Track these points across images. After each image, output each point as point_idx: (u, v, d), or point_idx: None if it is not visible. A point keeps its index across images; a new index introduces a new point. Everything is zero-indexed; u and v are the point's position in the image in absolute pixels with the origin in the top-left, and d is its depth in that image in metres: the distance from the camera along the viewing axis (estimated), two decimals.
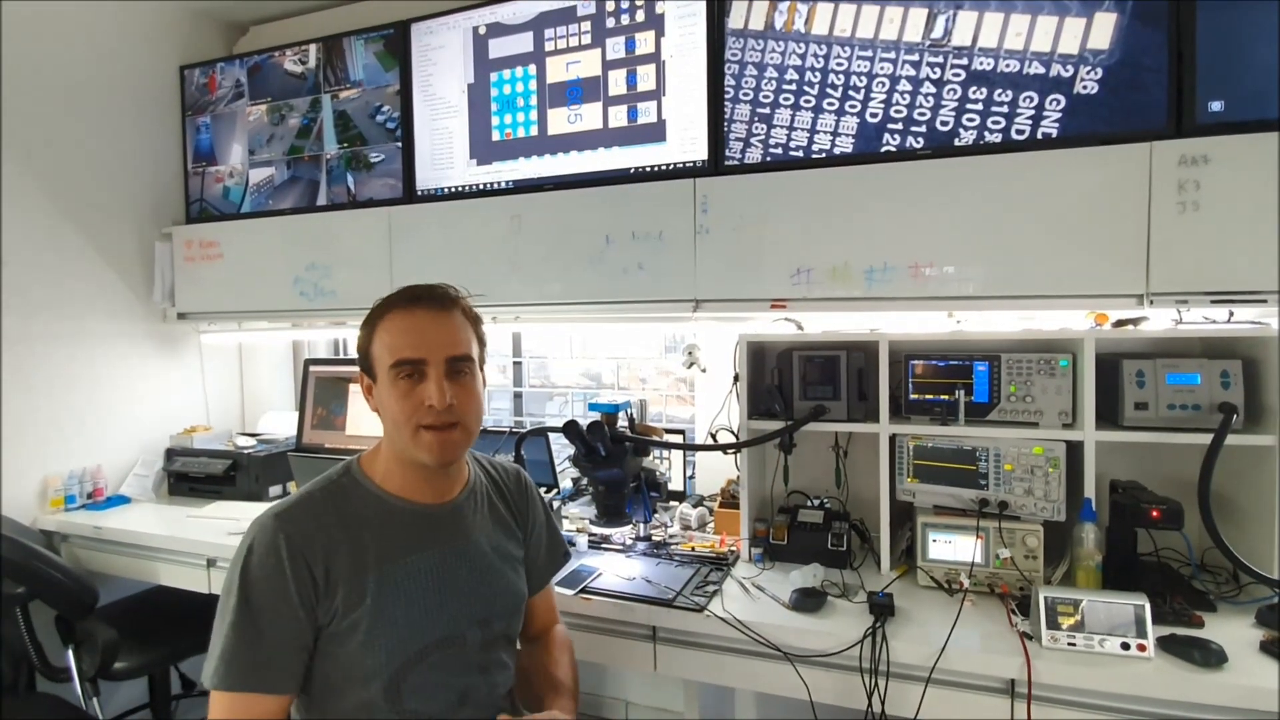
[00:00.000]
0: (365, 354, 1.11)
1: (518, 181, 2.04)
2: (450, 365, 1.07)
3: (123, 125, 2.42)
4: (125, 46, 2.43)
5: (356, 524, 1.06)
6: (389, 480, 1.11)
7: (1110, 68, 1.48)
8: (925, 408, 1.58)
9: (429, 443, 1.05)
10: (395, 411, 1.06)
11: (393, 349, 1.06)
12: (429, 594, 1.08)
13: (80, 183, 2.30)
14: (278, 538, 1.00)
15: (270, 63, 2.37)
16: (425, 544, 1.10)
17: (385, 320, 1.09)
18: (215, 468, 2.30)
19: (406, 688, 1.05)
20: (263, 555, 0.99)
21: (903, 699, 1.27)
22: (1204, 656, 1.15)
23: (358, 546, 1.04)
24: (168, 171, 2.55)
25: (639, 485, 1.86)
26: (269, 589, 0.98)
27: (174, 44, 2.56)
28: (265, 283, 2.35)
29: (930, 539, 1.50)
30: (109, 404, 2.37)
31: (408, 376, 1.06)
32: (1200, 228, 1.41)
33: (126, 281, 2.44)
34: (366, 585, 1.03)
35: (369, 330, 1.10)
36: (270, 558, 0.99)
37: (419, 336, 1.07)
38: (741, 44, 1.75)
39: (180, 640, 2.07)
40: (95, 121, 2.35)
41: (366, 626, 1.02)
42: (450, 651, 1.09)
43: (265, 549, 1.00)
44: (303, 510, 1.05)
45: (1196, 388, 1.41)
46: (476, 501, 1.19)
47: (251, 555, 1.00)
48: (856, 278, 1.66)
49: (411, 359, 1.05)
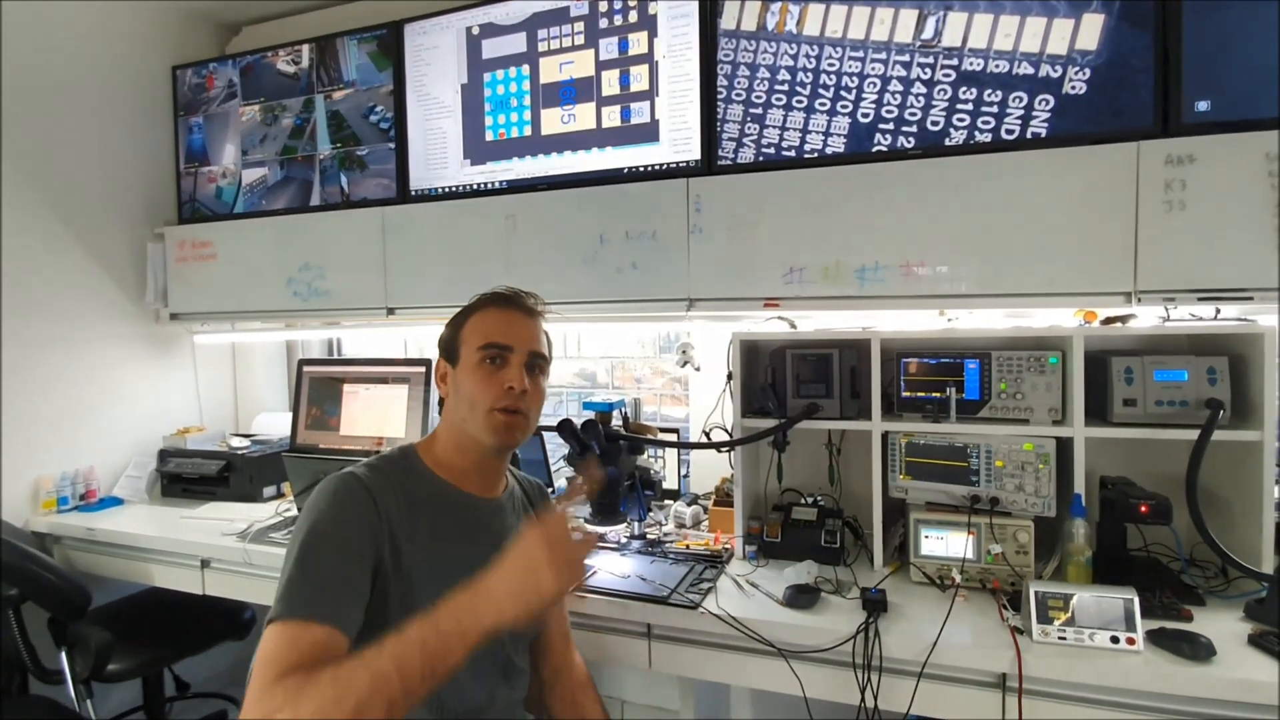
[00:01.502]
0: (451, 340, 1.18)
1: (511, 182, 2.04)
2: (531, 358, 1.16)
3: (115, 126, 2.41)
4: (117, 47, 2.42)
5: (416, 504, 1.09)
6: (443, 467, 1.16)
7: (1098, 68, 1.49)
8: (917, 405, 1.59)
9: (500, 423, 1.11)
10: (475, 392, 1.12)
11: (485, 334, 1.15)
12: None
13: (72, 183, 2.30)
14: (360, 485, 1.03)
15: (263, 63, 2.37)
16: (475, 536, 1.13)
17: (481, 311, 1.18)
18: (209, 469, 2.29)
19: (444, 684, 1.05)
20: (344, 495, 1.02)
21: (895, 693, 1.28)
22: (1193, 650, 1.16)
23: (415, 529, 1.07)
24: (160, 172, 2.54)
25: (633, 484, 1.87)
26: (351, 522, 1.00)
27: (166, 44, 2.56)
28: (258, 283, 2.35)
29: (922, 535, 1.51)
30: (102, 405, 2.36)
31: (493, 360, 1.13)
32: (1187, 226, 1.43)
33: (119, 282, 2.44)
34: (417, 570, 1.05)
35: (461, 318, 1.19)
36: (355, 497, 1.02)
37: (509, 327, 1.16)
38: (734, 44, 1.76)
39: (175, 642, 2.07)
40: (87, 122, 2.34)
41: (417, 608, 0.99)
42: (483, 649, 1.09)
43: (348, 491, 1.02)
44: (379, 475, 1.08)
45: (1184, 384, 1.42)
46: (515, 504, 1.24)
47: (339, 493, 1.02)
48: (848, 276, 1.67)
49: (500, 344, 1.14)
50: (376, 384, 2.32)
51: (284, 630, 0.90)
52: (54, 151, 2.24)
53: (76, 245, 2.31)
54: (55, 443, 2.23)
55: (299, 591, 0.94)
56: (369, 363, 2.44)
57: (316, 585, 0.94)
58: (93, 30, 2.35)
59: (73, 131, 2.30)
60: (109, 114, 2.39)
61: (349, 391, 2.36)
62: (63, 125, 2.27)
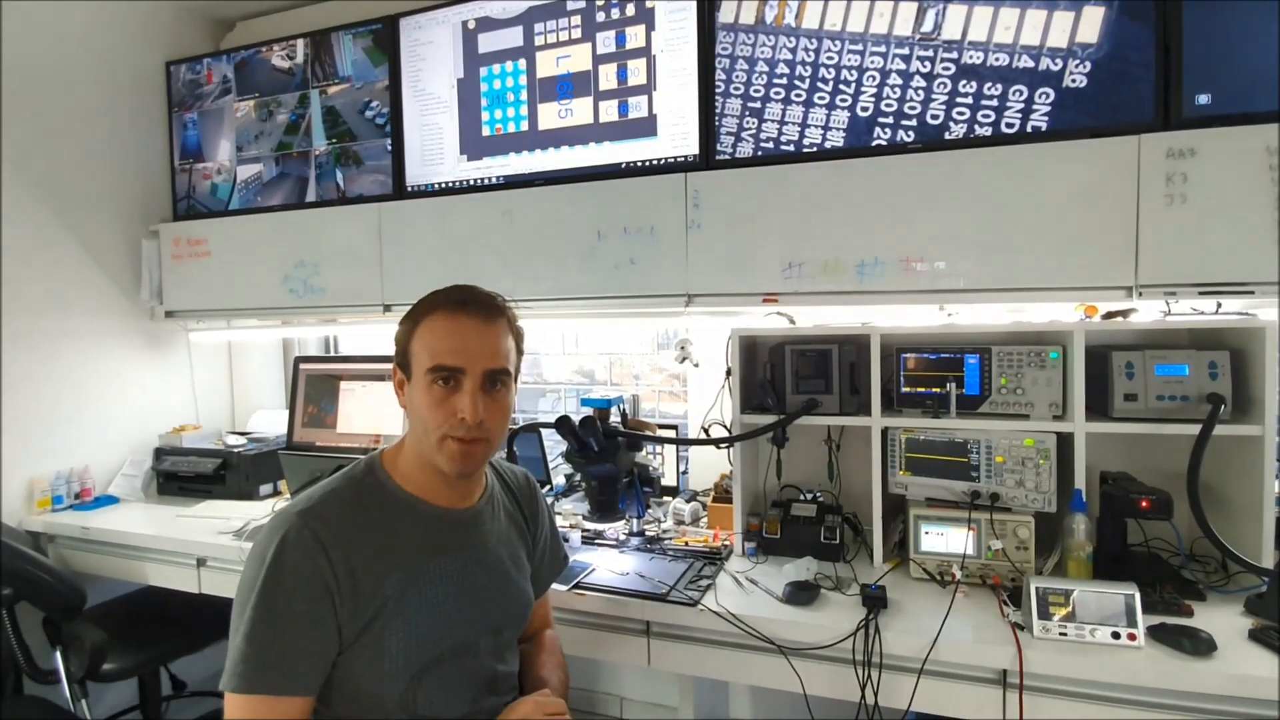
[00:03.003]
0: (404, 349, 1.08)
1: (508, 177, 2.03)
2: (487, 377, 1.04)
3: (109, 122, 2.39)
4: (111, 43, 2.40)
5: (381, 525, 1.04)
6: (411, 481, 1.09)
7: (1098, 61, 1.48)
8: (917, 401, 1.59)
9: (452, 453, 1.03)
10: (426, 417, 1.03)
11: (433, 352, 1.03)
12: (449, 600, 1.06)
13: (66, 180, 2.28)
14: (304, 534, 0.97)
15: (258, 58, 2.35)
16: (448, 549, 1.08)
17: (429, 320, 1.06)
18: (205, 467, 2.28)
19: (422, 695, 1.03)
20: (291, 553, 0.96)
21: (896, 690, 1.28)
22: (1193, 645, 1.16)
23: (381, 549, 1.02)
24: (154, 168, 2.52)
25: (632, 481, 1.86)
26: (295, 587, 0.95)
27: (160, 40, 2.54)
28: (254, 280, 2.33)
29: (922, 531, 1.51)
30: (96, 403, 2.35)
31: (444, 383, 1.03)
32: (1188, 220, 1.42)
33: (114, 279, 2.42)
34: (389, 589, 1.00)
35: (410, 325, 1.07)
36: (298, 555, 0.96)
37: (460, 343, 1.04)
38: (732, 38, 1.75)
39: (170, 641, 2.06)
40: (81, 118, 2.32)
41: (387, 631, 1.00)
42: (464, 659, 1.08)
43: (294, 546, 0.96)
44: (330, 508, 1.02)
45: (1185, 379, 1.42)
46: (494, 508, 1.18)
47: (279, 552, 0.95)
48: (848, 271, 1.66)
49: (449, 366, 1.03)
50: (373, 381, 2.30)
51: (250, 705, 0.92)
52: (48, 148, 2.23)
53: (71, 242, 2.29)
54: (50, 441, 2.22)
55: (261, 658, 0.93)
56: (365, 360, 2.42)
57: (280, 654, 0.93)
58: (86, 26, 2.33)
59: (67, 128, 2.28)
60: (103, 110, 2.37)
61: (345, 389, 2.34)
62: (57, 121, 2.25)
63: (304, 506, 1.01)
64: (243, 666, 0.92)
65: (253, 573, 0.96)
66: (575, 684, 1.29)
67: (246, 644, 0.93)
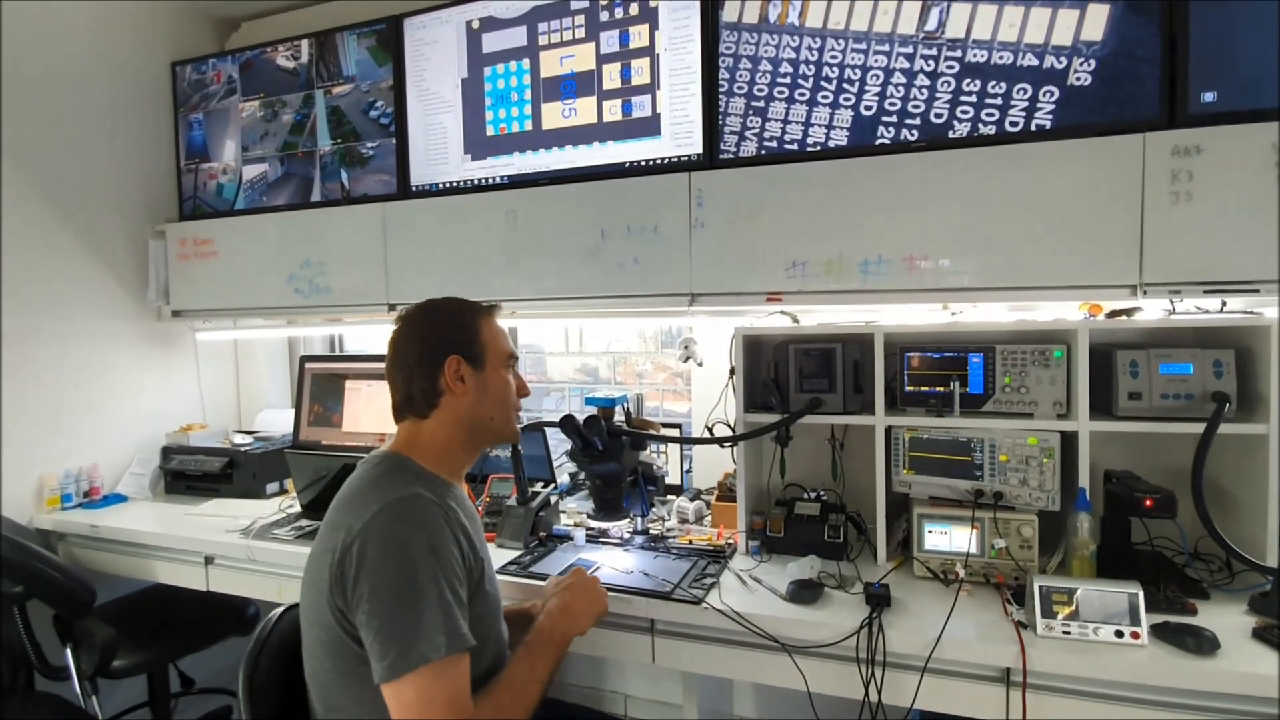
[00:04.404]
0: (473, 343, 1.22)
1: (512, 176, 2.03)
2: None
3: (115, 122, 2.41)
4: (116, 43, 2.41)
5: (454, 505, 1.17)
6: (441, 467, 1.20)
7: (1103, 59, 1.48)
8: (920, 400, 1.59)
9: (517, 423, 1.31)
10: (507, 396, 1.26)
11: (503, 344, 1.26)
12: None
13: (73, 181, 2.29)
14: (433, 505, 1.08)
15: (262, 59, 2.36)
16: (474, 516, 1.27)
17: (487, 319, 1.26)
18: (212, 465, 2.29)
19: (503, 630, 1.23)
20: (427, 519, 1.06)
21: (899, 688, 1.28)
22: (1197, 644, 1.16)
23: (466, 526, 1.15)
24: (160, 168, 2.54)
25: (636, 479, 1.87)
26: (439, 548, 1.05)
27: (165, 40, 2.55)
28: (260, 280, 2.34)
29: (926, 530, 1.51)
30: (104, 403, 2.37)
31: (511, 368, 1.28)
32: (1193, 218, 1.41)
33: (120, 280, 2.44)
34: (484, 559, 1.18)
35: (472, 321, 1.24)
36: (433, 521, 1.06)
37: (509, 340, 1.30)
38: (735, 37, 1.75)
39: (179, 638, 2.08)
40: (87, 119, 2.33)
41: (492, 596, 1.18)
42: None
43: (427, 513, 1.06)
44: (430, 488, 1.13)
45: (1190, 377, 1.42)
46: None
47: (419, 523, 1.05)
48: (851, 270, 1.66)
49: (515, 355, 1.29)
50: (379, 380, 2.31)
51: (437, 672, 0.99)
52: (54, 149, 2.24)
53: (78, 243, 2.31)
54: (59, 440, 2.24)
55: (430, 631, 0.99)
56: (371, 359, 2.44)
57: (441, 620, 1.01)
58: (91, 26, 2.34)
59: (73, 128, 2.29)
60: (109, 110, 2.39)
61: (351, 388, 2.36)
62: (62, 122, 2.26)
63: (414, 490, 1.09)
64: (421, 631, 0.99)
65: (404, 548, 1.02)
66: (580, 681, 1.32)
67: (416, 608, 1.00)
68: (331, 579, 1.03)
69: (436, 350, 1.19)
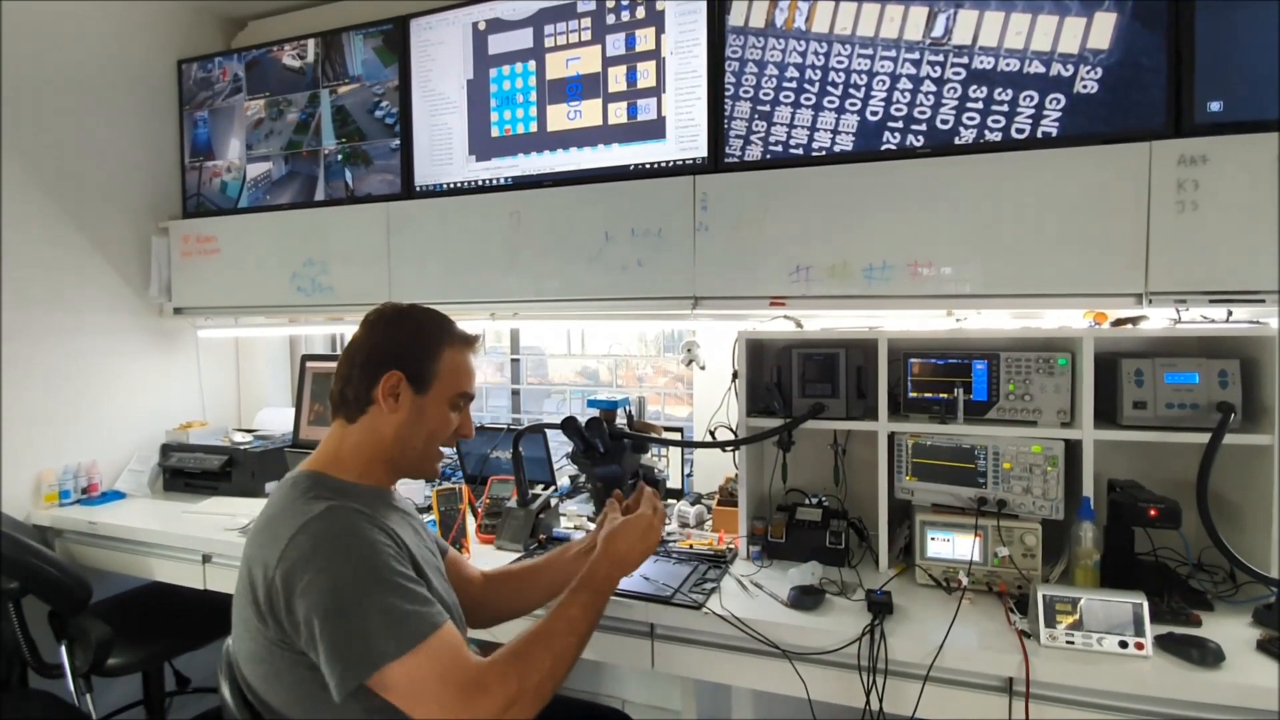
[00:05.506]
0: (423, 367, 1.15)
1: (517, 178, 2.03)
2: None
3: (119, 119, 2.41)
4: (123, 41, 2.42)
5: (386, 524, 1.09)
6: (366, 477, 1.16)
7: (1110, 67, 1.48)
8: (924, 406, 1.58)
9: (438, 459, 1.22)
10: (438, 430, 1.18)
11: (460, 380, 1.19)
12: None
13: (77, 177, 2.29)
14: (362, 518, 1.03)
15: (268, 57, 2.36)
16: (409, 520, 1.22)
17: (454, 348, 1.19)
18: (211, 463, 2.29)
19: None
20: (363, 528, 1.01)
21: (901, 697, 1.27)
22: (1201, 655, 1.15)
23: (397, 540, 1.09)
24: (165, 166, 2.54)
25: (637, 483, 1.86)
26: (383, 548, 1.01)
27: (172, 38, 2.55)
28: (262, 278, 2.34)
29: (929, 537, 1.50)
30: (104, 399, 2.36)
31: (459, 408, 1.21)
32: (1199, 227, 1.41)
33: (123, 276, 2.43)
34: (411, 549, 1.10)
35: (436, 344, 1.17)
36: (368, 528, 1.02)
37: (473, 377, 1.22)
38: (742, 41, 1.75)
39: (175, 637, 2.06)
40: (92, 116, 2.33)
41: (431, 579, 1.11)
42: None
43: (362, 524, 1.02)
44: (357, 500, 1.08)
45: (1195, 387, 1.41)
46: None
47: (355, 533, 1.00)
48: (856, 276, 1.65)
49: (469, 395, 1.22)
50: None
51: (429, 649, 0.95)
52: (58, 145, 2.24)
53: (80, 239, 2.31)
54: (57, 436, 2.23)
55: (405, 617, 0.96)
56: None
57: (410, 604, 0.97)
58: (97, 24, 2.34)
59: (77, 125, 2.29)
60: (114, 108, 2.39)
61: None
62: (67, 119, 2.26)
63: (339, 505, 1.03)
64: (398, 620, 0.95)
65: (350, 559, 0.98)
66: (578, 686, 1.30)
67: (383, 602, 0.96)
68: (259, 615, 1.00)
69: (383, 359, 1.14)
